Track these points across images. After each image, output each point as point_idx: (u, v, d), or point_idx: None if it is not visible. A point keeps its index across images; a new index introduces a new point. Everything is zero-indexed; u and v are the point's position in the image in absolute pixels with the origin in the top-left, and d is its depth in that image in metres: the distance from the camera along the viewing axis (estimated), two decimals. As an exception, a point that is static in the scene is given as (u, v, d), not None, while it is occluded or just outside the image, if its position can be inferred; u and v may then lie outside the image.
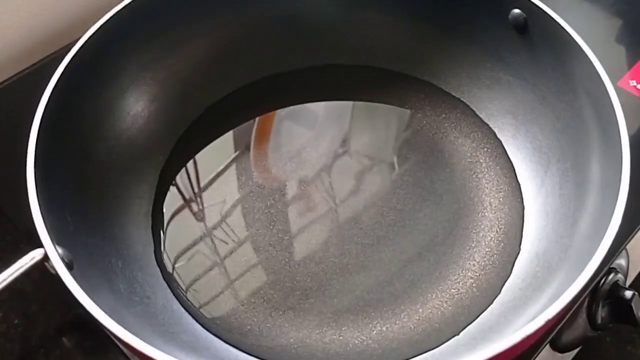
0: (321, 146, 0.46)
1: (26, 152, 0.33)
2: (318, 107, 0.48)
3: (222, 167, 0.45)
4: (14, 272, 0.31)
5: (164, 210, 0.42)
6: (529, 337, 0.28)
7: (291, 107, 0.48)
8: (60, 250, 0.30)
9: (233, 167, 0.45)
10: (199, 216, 0.43)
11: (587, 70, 0.36)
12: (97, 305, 0.28)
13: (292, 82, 0.48)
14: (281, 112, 0.47)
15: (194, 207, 0.43)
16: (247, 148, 0.46)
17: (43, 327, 0.38)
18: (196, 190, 0.44)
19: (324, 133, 0.47)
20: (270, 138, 0.46)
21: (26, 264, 0.31)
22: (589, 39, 0.37)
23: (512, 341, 0.27)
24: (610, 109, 0.34)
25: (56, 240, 0.31)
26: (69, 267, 0.30)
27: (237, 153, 0.45)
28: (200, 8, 0.44)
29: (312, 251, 0.40)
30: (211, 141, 0.46)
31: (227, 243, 0.41)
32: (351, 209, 0.42)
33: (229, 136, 0.46)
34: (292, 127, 0.47)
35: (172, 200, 0.43)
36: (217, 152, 0.45)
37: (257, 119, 0.47)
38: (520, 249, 0.39)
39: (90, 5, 0.55)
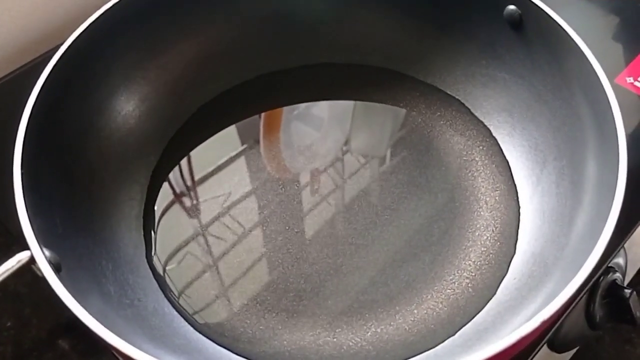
0: (315, 146, 0.46)
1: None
2: (315, 107, 0.48)
3: (214, 167, 0.44)
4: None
5: (156, 211, 0.42)
6: (525, 338, 0.27)
7: (284, 108, 0.47)
8: (47, 253, 0.30)
9: (226, 167, 0.44)
10: (191, 218, 0.42)
11: (583, 66, 0.36)
12: (85, 308, 0.28)
13: (285, 82, 0.48)
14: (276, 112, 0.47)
15: (186, 208, 0.43)
16: (240, 148, 0.46)
17: (36, 329, 0.38)
18: (188, 191, 0.44)
19: (321, 133, 0.47)
20: (273, 137, 0.46)
21: (12, 266, 0.31)
22: (587, 36, 0.37)
23: (508, 342, 0.27)
24: (606, 105, 0.34)
25: (44, 242, 0.30)
26: (57, 269, 0.30)
27: (229, 153, 0.45)
28: (192, 6, 0.44)
29: (305, 252, 0.40)
30: (203, 141, 0.45)
31: (219, 245, 0.41)
32: (345, 209, 0.42)
33: (220, 136, 0.46)
34: (295, 126, 0.47)
35: (163, 201, 0.43)
36: (209, 152, 0.45)
37: (262, 114, 0.47)
38: (516, 249, 0.39)
39: (82, 4, 0.55)
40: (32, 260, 0.30)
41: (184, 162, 0.45)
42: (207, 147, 0.45)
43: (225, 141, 0.46)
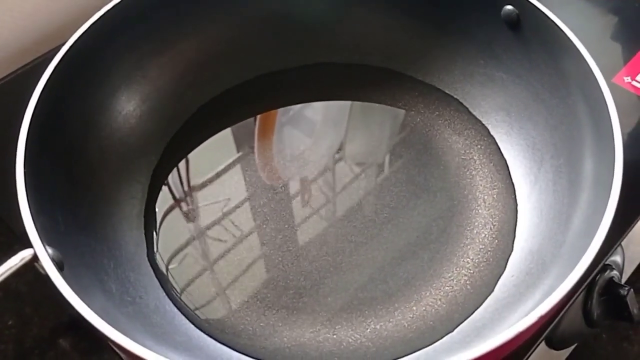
0: (315, 146, 0.46)
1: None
2: (312, 107, 0.48)
3: (214, 166, 0.44)
4: (3, 273, 0.31)
5: (157, 210, 0.42)
6: (522, 334, 0.27)
7: (283, 108, 0.47)
8: (50, 251, 0.30)
9: (226, 166, 0.45)
10: (191, 216, 0.42)
11: (580, 66, 0.36)
12: (87, 305, 0.28)
13: (285, 81, 0.48)
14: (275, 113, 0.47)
15: (187, 206, 0.43)
16: (240, 147, 0.46)
17: (37, 328, 0.38)
18: (188, 190, 0.44)
19: (318, 133, 0.47)
20: (269, 139, 0.46)
21: (15, 264, 0.31)
22: (584, 35, 0.37)
23: (505, 337, 0.27)
24: (603, 105, 0.34)
25: (46, 240, 0.30)
26: (59, 267, 0.30)
27: (229, 152, 0.45)
28: (192, 7, 0.44)
29: (305, 250, 0.40)
30: (203, 141, 0.46)
31: (219, 242, 0.41)
32: (344, 207, 0.42)
33: (221, 136, 0.46)
34: (289, 128, 0.47)
35: (164, 200, 0.43)
36: (210, 152, 0.45)
37: (258, 117, 0.47)
38: (513, 246, 0.39)
39: (83, 5, 0.55)
40: (35, 258, 0.30)
41: (184, 162, 0.45)
42: (207, 146, 0.45)
43: (226, 141, 0.46)
